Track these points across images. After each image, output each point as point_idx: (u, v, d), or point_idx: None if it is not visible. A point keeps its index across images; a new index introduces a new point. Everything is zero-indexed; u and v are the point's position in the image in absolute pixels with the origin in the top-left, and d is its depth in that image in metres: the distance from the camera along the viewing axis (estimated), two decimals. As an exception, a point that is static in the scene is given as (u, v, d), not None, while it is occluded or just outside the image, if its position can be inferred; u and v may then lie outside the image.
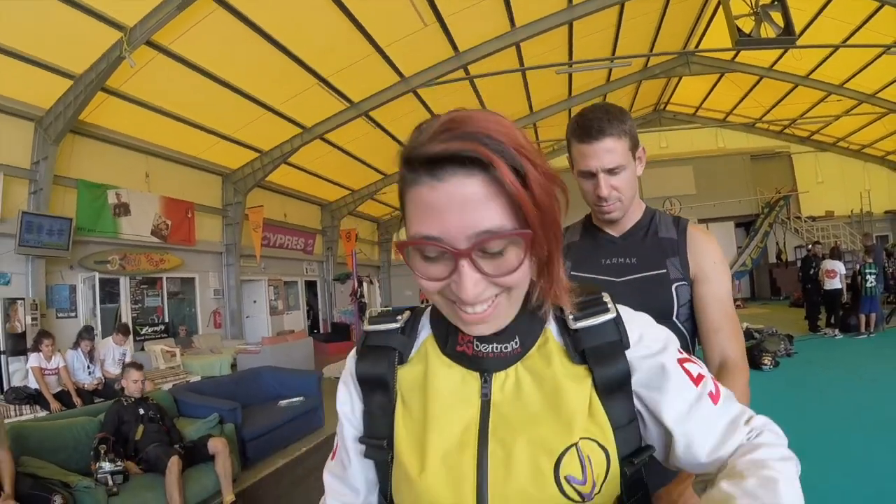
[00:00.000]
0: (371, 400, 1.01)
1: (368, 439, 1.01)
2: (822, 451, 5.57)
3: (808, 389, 8.57)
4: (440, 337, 1.00)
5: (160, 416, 5.54)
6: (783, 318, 15.78)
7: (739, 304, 21.75)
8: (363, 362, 1.02)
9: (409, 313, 1.06)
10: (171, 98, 11.91)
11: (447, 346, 0.97)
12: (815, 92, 19.15)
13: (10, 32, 8.80)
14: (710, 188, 24.30)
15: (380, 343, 1.02)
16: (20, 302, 10.13)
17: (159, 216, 13.78)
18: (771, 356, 10.16)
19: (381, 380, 0.99)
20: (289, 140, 15.28)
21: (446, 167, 0.76)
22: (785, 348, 11.05)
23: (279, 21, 10.49)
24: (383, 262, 28.43)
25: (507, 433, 0.89)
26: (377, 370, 1.00)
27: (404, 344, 1.02)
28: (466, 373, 0.95)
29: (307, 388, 8.22)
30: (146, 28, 9.19)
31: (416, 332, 1.04)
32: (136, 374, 5.59)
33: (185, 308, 15.60)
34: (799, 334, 12.76)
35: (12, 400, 8.16)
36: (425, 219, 0.79)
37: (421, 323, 1.05)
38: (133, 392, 5.51)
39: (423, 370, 0.98)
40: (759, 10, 10.03)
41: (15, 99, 10.18)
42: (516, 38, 13.09)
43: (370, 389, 1.01)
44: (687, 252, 1.83)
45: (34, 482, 4.20)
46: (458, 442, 0.91)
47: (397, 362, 1.00)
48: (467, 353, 0.95)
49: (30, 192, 10.64)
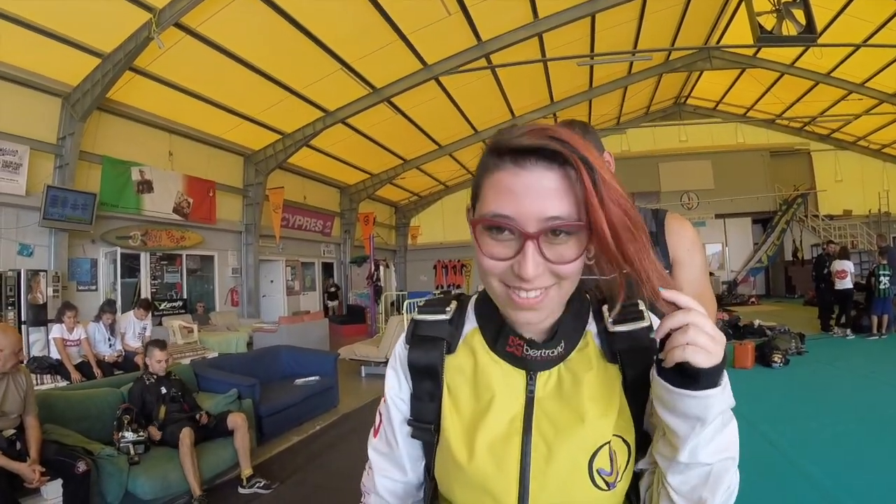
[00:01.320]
0: (420, 386, 1.09)
1: (416, 422, 1.09)
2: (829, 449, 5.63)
3: (816, 388, 8.57)
4: (489, 335, 1.05)
5: (182, 393, 5.62)
6: (796, 317, 15.72)
7: (754, 301, 21.74)
8: (415, 351, 1.09)
9: (456, 304, 1.12)
10: (196, 79, 12.09)
11: (497, 345, 1.03)
12: (836, 90, 18.93)
13: (41, 10, 8.97)
14: (729, 183, 24.00)
15: (430, 333, 1.08)
16: (42, 274, 10.35)
17: (181, 194, 14.00)
18: (781, 354, 10.08)
19: (431, 368, 1.07)
20: (311, 123, 15.43)
21: (530, 158, 0.86)
22: (796, 347, 10.97)
23: (305, 6, 10.60)
24: (400, 247, 28.47)
25: (549, 428, 0.97)
26: (429, 359, 1.07)
27: (452, 334, 1.08)
28: (513, 370, 1.01)
29: (324, 369, 8.35)
30: (175, 10, 9.34)
31: (463, 323, 1.10)
32: (159, 353, 5.63)
33: (203, 285, 15.85)
34: (811, 333, 12.69)
35: (34, 369, 8.28)
36: (502, 200, 0.87)
37: (467, 314, 1.11)
38: (157, 370, 5.58)
39: (472, 364, 1.04)
40: (781, 7, 9.94)
41: (44, 75, 10.39)
42: (539, 29, 13.09)
43: (420, 377, 1.09)
44: (666, 241, 1.95)
45: (59, 448, 4.34)
46: (505, 432, 0.98)
47: (446, 352, 1.07)
48: (516, 355, 1.00)
49: (55, 166, 10.87)
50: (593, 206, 0.83)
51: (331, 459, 6.22)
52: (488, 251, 0.90)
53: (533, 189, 0.85)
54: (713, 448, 0.84)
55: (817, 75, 18.11)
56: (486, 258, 0.91)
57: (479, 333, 1.07)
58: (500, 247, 0.89)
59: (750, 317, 14.31)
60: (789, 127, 24.65)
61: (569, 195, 0.86)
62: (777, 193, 24.56)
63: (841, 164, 24.52)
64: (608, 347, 1.01)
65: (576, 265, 0.89)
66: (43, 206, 10.22)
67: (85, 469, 4.18)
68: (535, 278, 0.87)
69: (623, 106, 23.02)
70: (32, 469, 4.00)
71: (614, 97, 21.28)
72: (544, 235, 0.86)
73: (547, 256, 0.87)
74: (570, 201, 0.86)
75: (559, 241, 0.87)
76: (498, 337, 1.03)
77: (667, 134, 25.01)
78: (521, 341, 1.00)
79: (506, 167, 0.88)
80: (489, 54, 13.71)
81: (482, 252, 0.91)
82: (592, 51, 15.35)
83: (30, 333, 10.06)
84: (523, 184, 0.86)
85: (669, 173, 24.70)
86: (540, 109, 19.52)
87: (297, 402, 7.45)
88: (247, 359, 8.55)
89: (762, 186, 24.18)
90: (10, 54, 9.70)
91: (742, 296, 22.66)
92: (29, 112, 10.37)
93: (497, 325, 1.03)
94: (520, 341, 1.00)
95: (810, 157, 25.17)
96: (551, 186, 0.85)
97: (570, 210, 0.86)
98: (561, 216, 0.85)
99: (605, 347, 1.01)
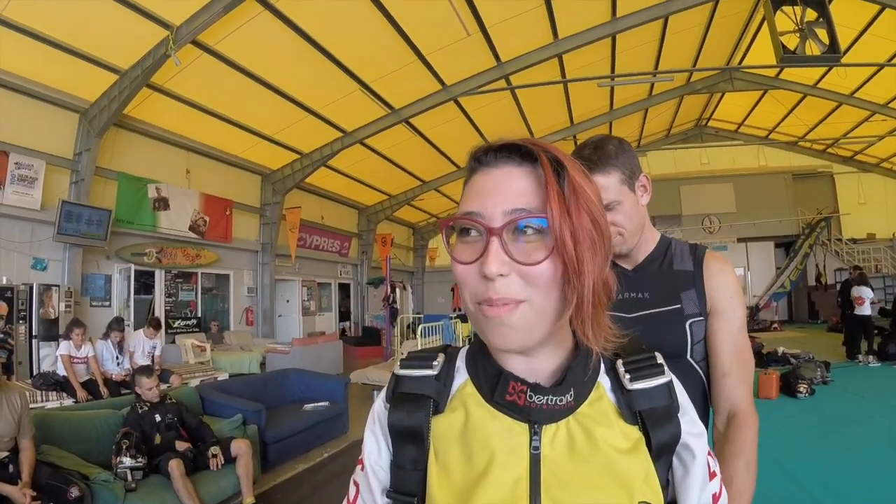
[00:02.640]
0: (402, 452, 0.94)
1: (397, 494, 0.94)
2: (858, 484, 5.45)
3: (844, 420, 8.26)
4: (485, 384, 0.93)
5: (178, 419, 5.52)
6: (820, 344, 15.46)
7: (776, 327, 21.48)
8: (396, 412, 0.94)
9: (444, 356, 0.99)
10: (214, 97, 12.11)
11: (494, 394, 0.90)
12: (859, 111, 18.76)
13: (60, 26, 9.02)
14: (751, 207, 23.83)
15: (413, 390, 0.95)
16: (55, 288, 10.32)
17: (198, 212, 13.99)
18: (807, 384, 9.85)
19: (415, 432, 0.92)
20: (329, 143, 15.42)
21: (501, 157, 0.85)
22: (821, 375, 10.73)
23: (324, 26, 10.61)
24: (417, 269, 28.48)
25: (562, 493, 0.84)
26: (412, 421, 0.92)
27: (440, 392, 0.95)
28: (514, 423, 0.88)
29: (334, 393, 8.23)
30: (192, 28, 9.36)
31: (452, 377, 0.97)
32: (147, 381, 5.48)
33: (218, 304, 15.84)
34: (836, 361, 12.41)
35: (40, 385, 8.29)
36: (471, 199, 0.84)
37: (457, 367, 0.99)
38: (150, 398, 5.46)
39: (463, 420, 0.91)
40: (805, 27, 9.88)
41: (61, 90, 10.44)
42: (559, 50, 13.02)
43: (402, 441, 0.94)
44: (704, 283, 1.76)
45: (53, 472, 4.27)
46: (508, 498, 0.84)
47: (432, 412, 0.93)
48: (518, 403, 0.88)
49: (71, 181, 10.89)
50: (553, 201, 0.78)
51: (337, 490, 5.98)
52: (458, 256, 0.85)
53: (501, 185, 0.83)
54: None
55: (840, 96, 17.92)
56: (457, 265, 0.85)
57: (472, 385, 0.94)
58: (468, 249, 0.84)
59: (773, 343, 14.10)
60: (812, 149, 24.50)
61: (537, 192, 0.82)
62: (800, 217, 24.30)
63: (864, 186, 24.26)
64: (626, 407, 0.90)
65: (546, 271, 0.80)
66: (57, 221, 10.21)
67: (78, 495, 4.10)
68: (500, 279, 0.79)
69: (644, 128, 22.93)
70: (23, 493, 3.92)
71: (635, 119, 21.19)
72: (509, 231, 0.80)
73: (512, 254, 0.79)
74: (538, 198, 0.81)
75: (526, 238, 0.81)
76: (496, 384, 0.90)
77: (688, 156, 24.85)
78: (523, 386, 0.87)
79: (478, 170, 0.87)
80: (508, 75, 13.65)
81: (453, 258, 0.86)
82: (613, 72, 15.30)
83: (40, 348, 10.06)
84: (492, 181, 0.84)
85: (691, 196, 24.56)
86: (560, 131, 19.43)
87: (304, 429, 7.32)
88: (255, 382, 8.42)
89: (785, 210, 23.98)
90: (28, 69, 9.76)
91: (764, 321, 22.45)
92: (46, 127, 10.41)
93: (495, 370, 0.91)
94: (522, 386, 0.87)
95: (833, 180, 24.94)
96: (520, 182, 0.83)
97: (539, 206, 0.81)
98: (525, 207, 0.80)
99: (623, 406, 0.90)
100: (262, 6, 9.62)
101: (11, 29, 8.69)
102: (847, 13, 12.28)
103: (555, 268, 0.80)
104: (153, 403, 5.45)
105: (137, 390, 5.54)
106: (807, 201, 24.25)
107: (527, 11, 11.52)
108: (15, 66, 9.59)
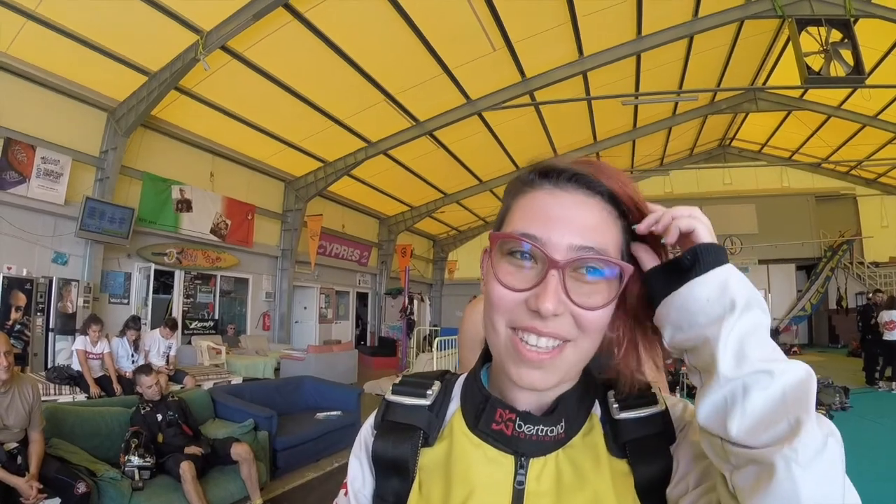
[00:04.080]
0: (385, 484, 0.89)
1: None
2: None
3: (865, 448, 7.98)
4: (470, 411, 0.88)
5: (179, 416, 5.54)
6: (840, 368, 15.15)
7: (796, 351, 21.20)
8: (382, 440, 0.90)
9: (440, 385, 0.94)
10: (241, 102, 12.25)
11: (480, 423, 0.85)
12: (884, 133, 18.51)
13: (93, 25, 9.16)
14: (773, 228, 23.57)
15: (403, 420, 0.90)
16: (74, 283, 10.45)
17: (220, 215, 14.12)
18: (825, 410, 9.68)
19: (399, 464, 0.87)
20: (353, 153, 15.51)
21: (572, 182, 0.78)
22: (840, 401, 10.52)
23: (351, 37, 10.72)
24: (436, 281, 28.41)
25: None
26: (396, 453, 0.88)
27: (431, 423, 0.90)
28: (498, 454, 0.83)
29: (347, 403, 8.20)
30: (222, 33, 9.50)
31: (447, 407, 0.93)
32: (146, 379, 5.53)
33: (235, 307, 15.93)
34: (855, 386, 12.17)
35: (54, 379, 8.39)
36: (532, 219, 0.78)
37: (451, 395, 0.94)
38: (151, 396, 5.50)
39: (447, 449, 0.86)
40: (830, 48, 9.84)
41: (91, 88, 10.61)
42: (584, 67, 13.02)
43: (385, 472, 0.89)
44: None
45: (61, 466, 4.31)
46: None
47: (421, 444, 0.88)
48: (505, 433, 0.83)
49: (96, 179, 11.06)
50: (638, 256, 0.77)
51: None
52: (503, 279, 0.78)
53: (568, 212, 0.77)
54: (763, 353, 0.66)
55: (864, 118, 17.68)
56: (498, 286, 0.78)
57: (461, 414, 0.90)
58: (519, 275, 0.77)
59: (793, 368, 13.88)
60: (835, 171, 24.19)
61: (608, 232, 0.78)
62: (822, 240, 24.01)
63: (887, 209, 23.90)
64: (612, 438, 0.84)
65: (601, 317, 0.77)
66: (80, 217, 10.36)
67: (85, 490, 4.14)
68: (553, 317, 0.74)
69: (667, 147, 22.79)
70: (30, 485, 3.96)
71: (658, 138, 21.09)
72: (572, 269, 0.75)
73: (570, 294, 0.74)
74: (608, 238, 0.77)
75: (587, 280, 0.76)
76: (482, 412, 0.86)
77: (711, 176, 24.71)
78: (512, 414, 0.83)
79: (543, 187, 0.80)
80: (533, 91, 13.67)
81: (496, 279, 0.78)
82: (637, 90, 15.29)
83: (56, 341, 10.16)
84: (560, 205, 0.78)
85: (713, 216, 22.77)
86: (583, 148, 19.37)
87: (316, 437, 7.30)
88: (269, 388, 8.43)
89: (807, 232, 23.70)
90: (60, 66, 9.91)
91: (784, 345, 22.09)
92: (74, 124, 10.57)
93: (482, 397, 0.87)
94: (510, 414, 0.83)
95: (856, 202, 24.58)
96: (591, 216, 0.77)
97: (607, 244, 0.77)
98: (595, 247, 0.75)
99: (610, 438, 0.84)
100: (292, 15, 9.74)
101: (44, 25, 8.82)
102: (872, 34, 12.18)
103: (608, 314, 0.78)
104: (155, 402, 5.48)
105: (139, 389, 5.60)
106: (829, 224, 23.92)
107: (552, 28, 11.55)
108: (46, 62, 9.75)
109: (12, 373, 4.15)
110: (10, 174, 9.54)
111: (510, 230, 0.80)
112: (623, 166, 23.16)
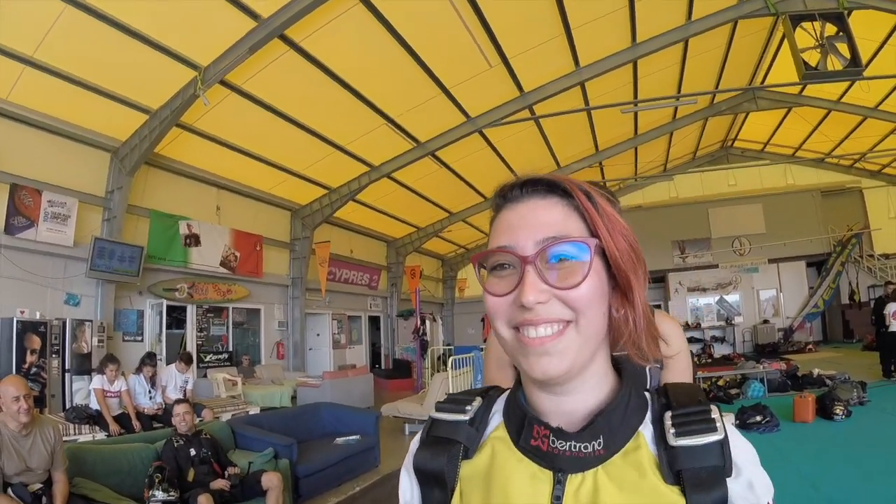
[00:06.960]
0: (428, 494, 0.93)
1: None
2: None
3: (883, 442, 7.98)
4: (513, 427, 0.89)
5: (212, 453, 5.55)
6: (856, 363, 15.11)
7: (811, 348, 21.08)
8: (423, 453, 0.94)
9: (481, 400, 0.97)
10: (242, 135, 12.33)
11: (520, 439, 0.87)
12: (885, 123, 18.48)
13: (91, 68, 9.26)
14: (781, 226, 23.42)
15: (445, 434, 0.93)
16: (87, 323, 10.47)
17: (228, 248, 14.18)
18: (843, 405, 9.59)
19: (437, 475, 0.91)
20: (357, 178, 15.58)
21: (527, 191, 0.85)
22: (858, 396, 10.44)
23: (348, 63, 10.79)
24: (447, 300, 28.39)
25: None
26: (436, 464, 0.91)
27: (471, 437, 0.92)
28: (538, 470, 0.84)
29: (365, 427, 8.21)
30: (219, 68, 9.56)
31: (487, 422, 0.95)
32: (180, 407, 5.62)
33: (249, 338, 15.96)
34: (872, 380, 12.05)
35: (73, 419, 8.38)
36: (501, 234, 0.84)
37: (493, 410, 0.97)
38: (182, 429, 5.53)
39: (488, 463, 0.88)
40: (825, 43, 9.87)
41: (93, 130, 10.69)
42: (581, 78, 13.09)
43: (427, 483, 0.93)
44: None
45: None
46: None
47: (461, 457, 0.91)
48: (541, 448, 0.84)
49: (103, 219, 11.12)
50: (600, 229, 0.81)
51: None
52: (491, 289, 0.84)
53: (529, 217, 0.83)
54: None
55: (865, 109, 17.66)
56: (489, 297, 0.84)
57: (504, 427, 0.92)
58: (503, 282, 0.83)
59: (808, 365, 13.88)
60: (839, 165, 24.14)
61: (569, 221, 0.83)
62: (830, 235, 23.88)
63: (894, 199, 23.76)
64: (667, 463, 0.80)
65: (586, 293, 0.79)
66: (90, 258, 10.41)
67: (110, 527, 4.13)
68: (538, 305, 0.78)
69: (669, 152, 22.83)
70: (56, 525, 3.96)
71: (660, 143, 21.12)
72: (542, 259, 0.80)
73: (549, 280, 0.79)
74: (570, 226, 0.82)
75: (561, 265, 0.80)
76: (522, 428, 0.87)
77: (715, 178, 24.54)
78: (546, 430, 0.84)
79: (505, 206, 0.87)
80: (532, 105, 13.74)
81: (486, 291, 0.85)
82: (636, 97, 15.31)
83: (73, 382, 10.16)
84: (519, 214, 0.84)
85: (720, 219, 24.28)
86: (585, 158, 19.50)
87: (336, 462, 7.32)
88: (286, 416, 8.46)
89: (815, 228, 23.57)
90: (60, 110, 9.98)
91: (798, 343, 22.01)
92: (78, 166, 10.65)
93: (521, 413, 0.88)
94: (545, 431, 0.84)
95: (862, 195, 24.50)
96: (546, 214, 0.83)
97: (569, 234, 0.81)
98: (557, 235, 0.80)
99: (664, 462, 0.80)
100: (288, 46, 9.82)
101: (43, 71, 8.90)
102: (866, 25, 12.19)
103: (593, 289, 0.80)
104: (188, 437, 5.49)
105: (174, 420, 5.62)
106: (837, 218, 23.83)
107: (547, 41, 11.64)
108: (47, 107, 9.82)
109: (33, 415, 4.17)
110: (19, 219, 9.60)
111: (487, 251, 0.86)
112: (627, 174, 23.35)
